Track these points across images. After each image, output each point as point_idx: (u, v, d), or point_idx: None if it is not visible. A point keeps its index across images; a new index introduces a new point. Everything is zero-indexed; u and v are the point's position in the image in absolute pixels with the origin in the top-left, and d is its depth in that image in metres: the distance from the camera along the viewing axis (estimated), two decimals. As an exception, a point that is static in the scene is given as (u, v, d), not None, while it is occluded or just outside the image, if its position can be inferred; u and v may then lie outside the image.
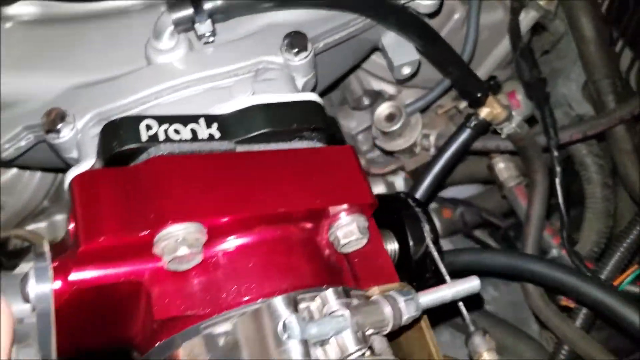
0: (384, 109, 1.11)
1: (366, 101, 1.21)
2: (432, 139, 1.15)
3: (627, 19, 1.31)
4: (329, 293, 0.58)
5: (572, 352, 1.06)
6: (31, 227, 1.07)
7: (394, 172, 1.28)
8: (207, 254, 0.60)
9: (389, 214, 0.79)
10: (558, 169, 1.05)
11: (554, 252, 1.14)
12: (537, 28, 1.24)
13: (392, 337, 0.64)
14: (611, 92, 1.08)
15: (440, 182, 1.05)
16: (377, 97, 1.21)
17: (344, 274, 0.67)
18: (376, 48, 0.97)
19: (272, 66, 0.71)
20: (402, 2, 0.85)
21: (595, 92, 1.09)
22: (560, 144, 1.07)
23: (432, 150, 1.16)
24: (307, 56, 0.71)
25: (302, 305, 0.57)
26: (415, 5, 0.87)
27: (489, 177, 1.25)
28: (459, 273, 1.18)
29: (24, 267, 0.57)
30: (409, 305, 0.60)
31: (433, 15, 0.90)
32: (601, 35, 1.07)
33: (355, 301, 0.60)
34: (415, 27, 0.85)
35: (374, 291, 0.67)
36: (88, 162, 0.65)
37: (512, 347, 1.12)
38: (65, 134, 0.68)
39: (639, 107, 1.06)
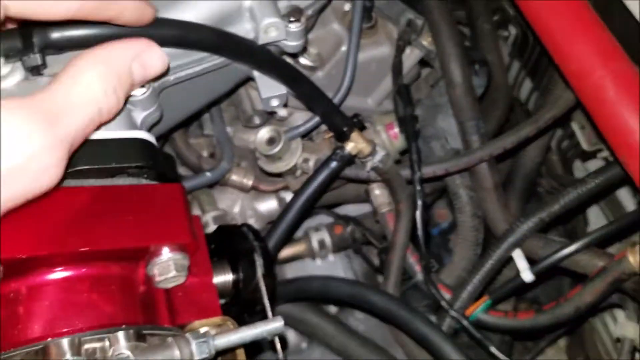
0: (264, 133, 1.08)
1: (257, 120, 1.19)
2: (311, 163, 1.13)
3: (528, 53, 1.32)
4: (120, 335, 0.56)
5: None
6: None
7: (284, 188, 1.26)
8: (7, 288, 0.57)
9: (229, 246, 0.77)
10: (419, 202, 1.05)
11: (418, 276, 1.14)
12: (424, 64, 1.23)
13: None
14: (475, 132, 1.08)
15: (308, 210, 1.04)
16: (268, 117, 1.18)
17: (157, 311, 0.64)
18: (251, 77, 0.94)
19: (109, 99, 0.67)
20: (267, 41, 0.82)
21: (461, 132, 1.09)
22: (424, 178, 1.06)
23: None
24: (144, 93, 0.68)
25: (88, 346, 0.55)
26: (282, 45, 0.85)
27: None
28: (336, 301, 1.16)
29: None
30: (201, 347, 0.58)
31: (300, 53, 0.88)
32: (468, 79, 1.07)
33: (150, 343, 0.58)
34: (274, 66, 0.82)
35: (194, 326, 0.66)
36: None
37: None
38: None
39: (498, 149, 1.06)
